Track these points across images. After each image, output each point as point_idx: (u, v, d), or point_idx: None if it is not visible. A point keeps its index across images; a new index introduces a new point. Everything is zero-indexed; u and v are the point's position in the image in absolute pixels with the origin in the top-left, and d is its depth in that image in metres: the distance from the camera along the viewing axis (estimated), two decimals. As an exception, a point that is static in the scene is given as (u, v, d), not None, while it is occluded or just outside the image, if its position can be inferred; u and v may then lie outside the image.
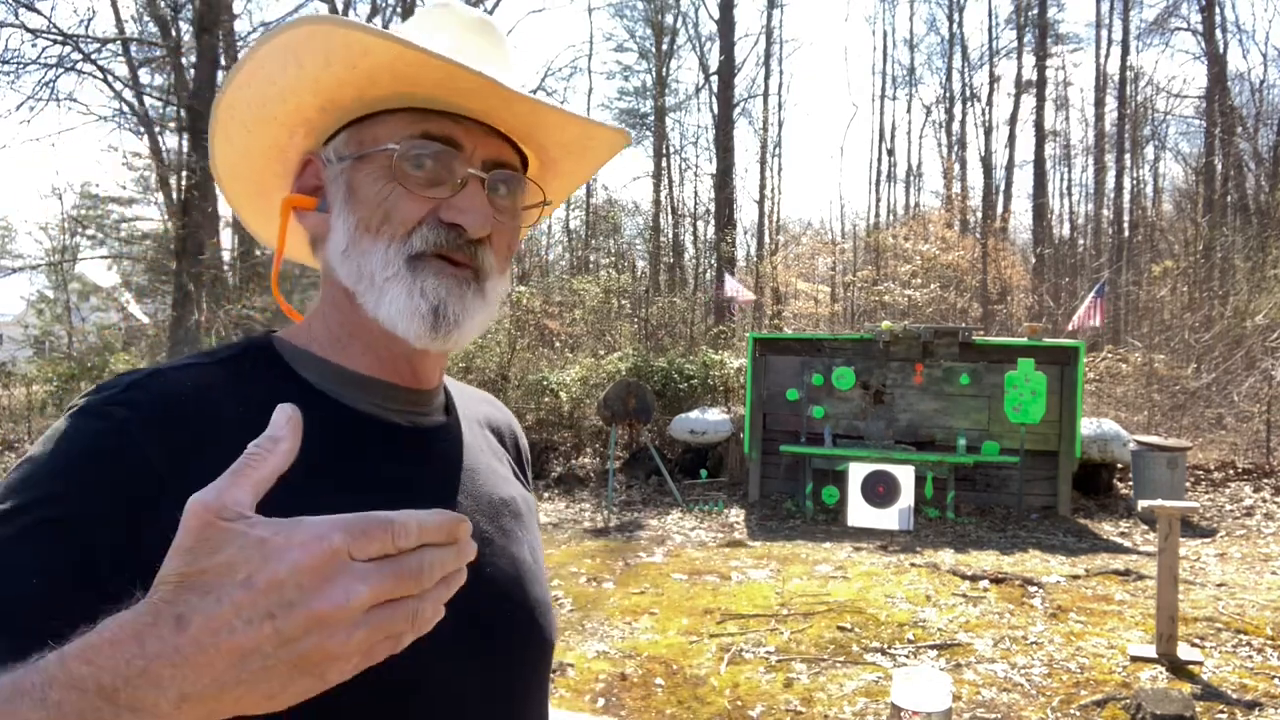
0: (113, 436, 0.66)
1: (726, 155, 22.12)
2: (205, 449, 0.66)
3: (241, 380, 0.76)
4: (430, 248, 0.76)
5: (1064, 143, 26.42)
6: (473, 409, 0.96)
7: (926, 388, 8.70)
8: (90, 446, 0.65)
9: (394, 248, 0.76)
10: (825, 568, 6.18)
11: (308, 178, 0.83)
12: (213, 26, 15.19)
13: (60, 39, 13.94)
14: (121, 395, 0.69)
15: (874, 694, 3.92)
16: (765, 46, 25.76)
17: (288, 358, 0.80)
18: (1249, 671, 4.13)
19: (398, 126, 0.77)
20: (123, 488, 0.64)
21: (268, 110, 0.79)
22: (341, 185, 0.79)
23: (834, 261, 23.09)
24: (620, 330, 15.07)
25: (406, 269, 0.76)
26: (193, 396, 0.71)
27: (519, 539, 0.88)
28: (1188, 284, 17.02)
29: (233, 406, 0.72)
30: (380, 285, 0.76)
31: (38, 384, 14.50)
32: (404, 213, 0.76)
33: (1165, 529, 4.23)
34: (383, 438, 0.79)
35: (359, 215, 0.77)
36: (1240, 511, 8.39)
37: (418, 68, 0.73)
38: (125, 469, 0.65)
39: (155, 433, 0.67)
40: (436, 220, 0.77)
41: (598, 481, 10.09)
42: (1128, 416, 11.83)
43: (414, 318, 0.76)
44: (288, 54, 0.73)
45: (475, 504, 0.84)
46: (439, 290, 0.76)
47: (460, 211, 0.76)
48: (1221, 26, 21.62)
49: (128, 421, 0.66)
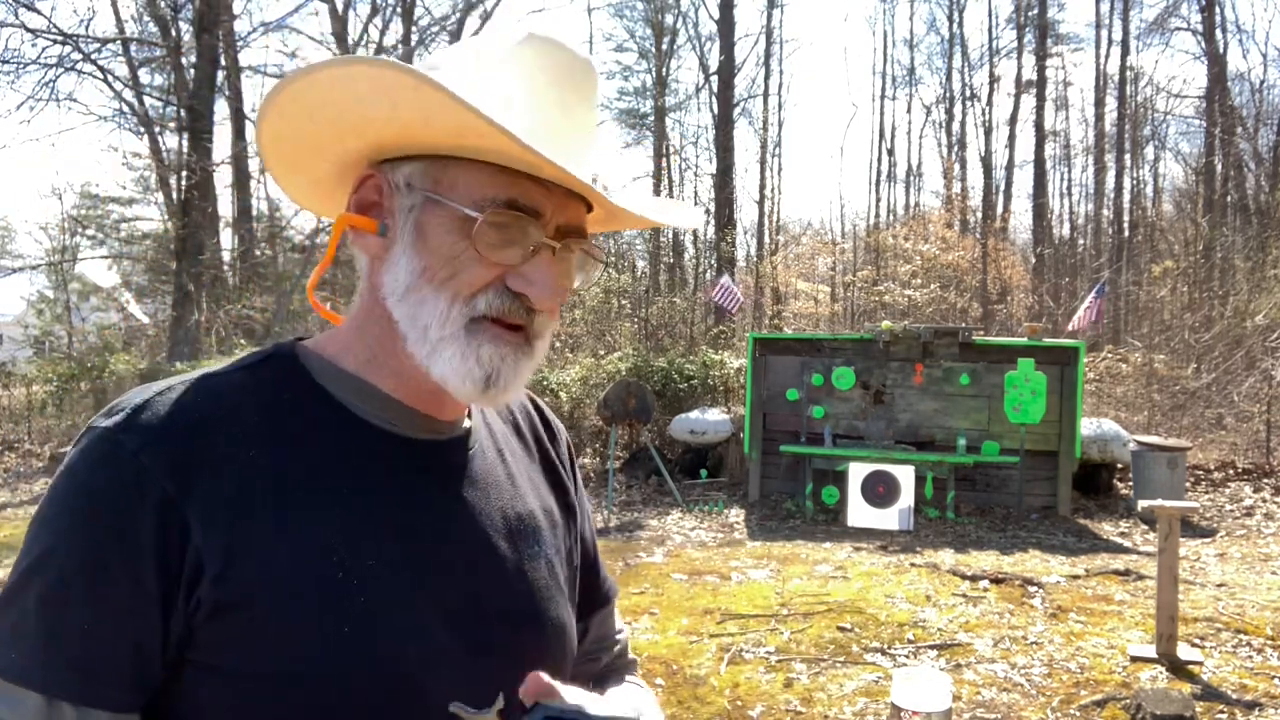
0: (129, 476, 0.66)
1: (726, 155, 22.12)
2: (221, 466, 0.69)
3: (261, 388, 0.75)
4: (493, 313, 0.75)
5: (1064, 143, 26.43)
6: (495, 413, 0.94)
7: (926, 388, 8.70)
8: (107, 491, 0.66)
9: (456, 308, 0.74)
10: (825, 568, 6.18)
11: (367, 193, 0.79)
12: (213, 26, 15.20)
13: (60, 39, 13.95)
14: (130, 420, 0.69)
15: (874, 694, 3.92)
16: (765, 46, 25.77)
17: (312, 368, 0.79)
18: (1249, 671, 4.13)
19: (481, 183, 0.74)
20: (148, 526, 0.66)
21: (345, 123, 0.75)
22: (411, 222, 0.75)
23: (834, 261, 23.09)
24: (620, 330, 15.07)
25: (464, 333, 0.74)
26: (204, 412, 0.71)
27: (537, 555, 0.86)
28: (1188, 284, 17.02)
29: (252, 413, 0.73)
30: (434, 342, 0.74)
31: (38, 384, 14.49)
32: (474, 275, 0.74)
33: (1165, 529, 4.23)
34: (395, 451, 0.78)
35: (425, 262, 0.74)
36: (1240, 511, 8.39)
37: (499, 143, 0.69)
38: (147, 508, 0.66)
39: (167, 462, 0.67)
40: (504, 286, 0.75)
41: (598, 481, 10.09)
42: (1128, 416, 11.83)
43: (466, 381, 0.74)
44: (382, 92, 0.69)
45: (488, 522, 0.82)
46: (494, 359, 0.75)
47: (529, 283, 0.75)
48: (1221, 26, 21.62)
49: (140, 454, 0.67)
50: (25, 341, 21.27)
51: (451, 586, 0.76)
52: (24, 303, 28.79)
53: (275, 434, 0.73)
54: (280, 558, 0.68)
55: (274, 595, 0.67)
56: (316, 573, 0.69)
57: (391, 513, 0.75)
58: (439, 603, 0.75)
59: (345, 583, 0.70)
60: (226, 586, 0.66)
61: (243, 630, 0.67)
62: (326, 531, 0.71)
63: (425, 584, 0.74)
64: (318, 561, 0.69)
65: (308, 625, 0.68)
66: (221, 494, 0.68)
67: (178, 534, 0.66)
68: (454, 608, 0.76)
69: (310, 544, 0.70)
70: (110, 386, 13.41)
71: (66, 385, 13.76)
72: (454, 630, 0.75)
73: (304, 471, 0.72)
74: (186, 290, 14.21)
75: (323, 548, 0.70)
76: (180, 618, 0.67)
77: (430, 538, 0.76)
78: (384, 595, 0.71)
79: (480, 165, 0.74)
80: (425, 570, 0.75)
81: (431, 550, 0.76)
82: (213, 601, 0.66)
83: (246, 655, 0.67)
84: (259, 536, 0.68)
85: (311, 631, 0.68)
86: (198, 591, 0.66)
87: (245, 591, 0.67)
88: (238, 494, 0.68)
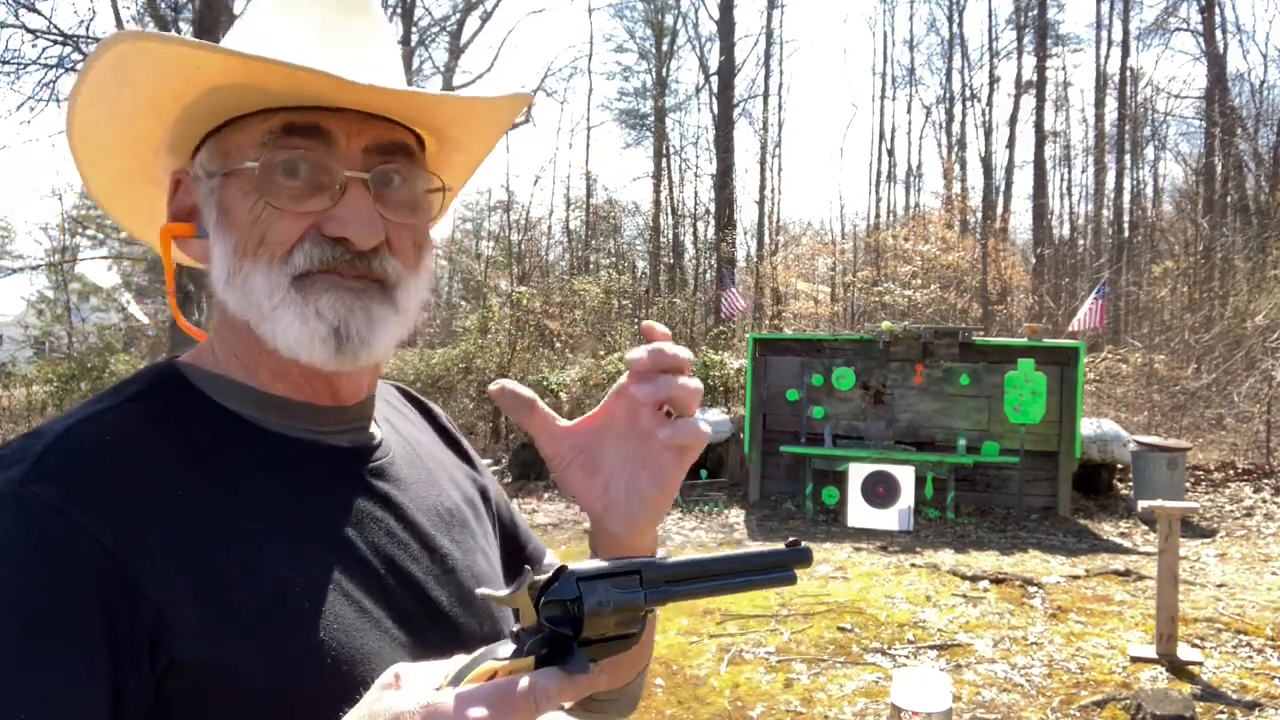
0: (54, 533, 0.57)
1: (726, 155, 22.13)
2: (151, 509, 0.61)
3: (163, 418, 0.68)
4: (316, 265, 0.68)
5: (1064, 143, 26.42)
6: (385, 409, 0.87)
7: (926, 388, 8.70)
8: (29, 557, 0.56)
9: (275, 270, 0.68)
10: (825, 568, 6.18)
11: (181, 197, 0.74)
12: (213, 27, 15.18)
13: (60, 39, 13.94)
14: (37, 470, 0.59)
15: (874, 694, 3.92)
16: (765, 47, 25.76)
17: (203, 386, 0.72)
18: (1249, 672, 4.13)
19: (256, 130, 0.68)
20: (89, 588, 0.57)
21: (120, 130, 0.71)
22: (213, 206, 0.70)
23: (834, 262, 23.08)
24: (620, 330, 15.07)
25: (295, 291, 0.67)
26: (116, 451, 0.63)
27: (473, 548, 0.83)
28: (1188, 284, 17.02)
29: (162, 448, 0.65)
30: (270, 313, 0.68)
31: (38, 384, 14.50)
32: (281, 232, 0.68)
33: (1165, 529, 4.23)
34: (319, 464, 0.72)
35: (235, 238, 0.68)
36: (1240, 512, 8.39)
37: (260, 74, 0.64)
38: (84, 568, 0.57)
39: (97, 513, 0.59)
40: (319, 235, 0.68)
41: (598, 482, 10.09)
42: (1128, 417, 11.83)
43: (314, 342, 0.67)
44: (118, 74, 0.65)
45: (426, 520, 0.78)
46: (336, 309, 0.68)
47: (343, 223, 0.68)
48: (1221, 27, 21.65)
49: (63, 506, 0.58)
50: (25, 342, 21.27)
51: (404, 594, 0.72)
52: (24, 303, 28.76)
53: (194, 466, 0.66)
54: (241, 599, 0.62)
55: (242, 638, 0.61)
56: (279, 607, 0.64)
57: (331, 528, 0.70)
58: (398, 612, 0.71)
59: (310, 613, 0.65)
60: (197, 642, 0.59)
61: (215, 681, 0.60)
62: (277, 561, 0.65)
63: (380, 596, 0.70)
64: (277, 595, 0.64)
65: (284, 669, 0.63)
66: (163, 540, 0.60)
67: (124, 593, 0.57)
68: (410, 613, 0.72)
69: (266, 579, 0.64)
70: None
71: (66, 385, 13.77)
72: (413, 635, 0.71)
73: (236, 501, 0.66)
74: (186, 290, 14.20)
75: (277, 578, 0.65)
76: (142, 679, 0.58)
77: (375, 548, 0.72)
78: (344, 615, 0.67)
79: (258, 116, 0.68)
80: (377, 582, 0.71)
81: (382, 560, 0.72)
82: (183, 657, 0.59)
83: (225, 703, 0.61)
84: (215, 581, 0.61)
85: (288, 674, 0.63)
86: (165, 651, 0.59)
87: (218, 644, 0.60)
88: (179, 538, 0.61)
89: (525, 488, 9.88)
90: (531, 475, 10.21)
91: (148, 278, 22.10)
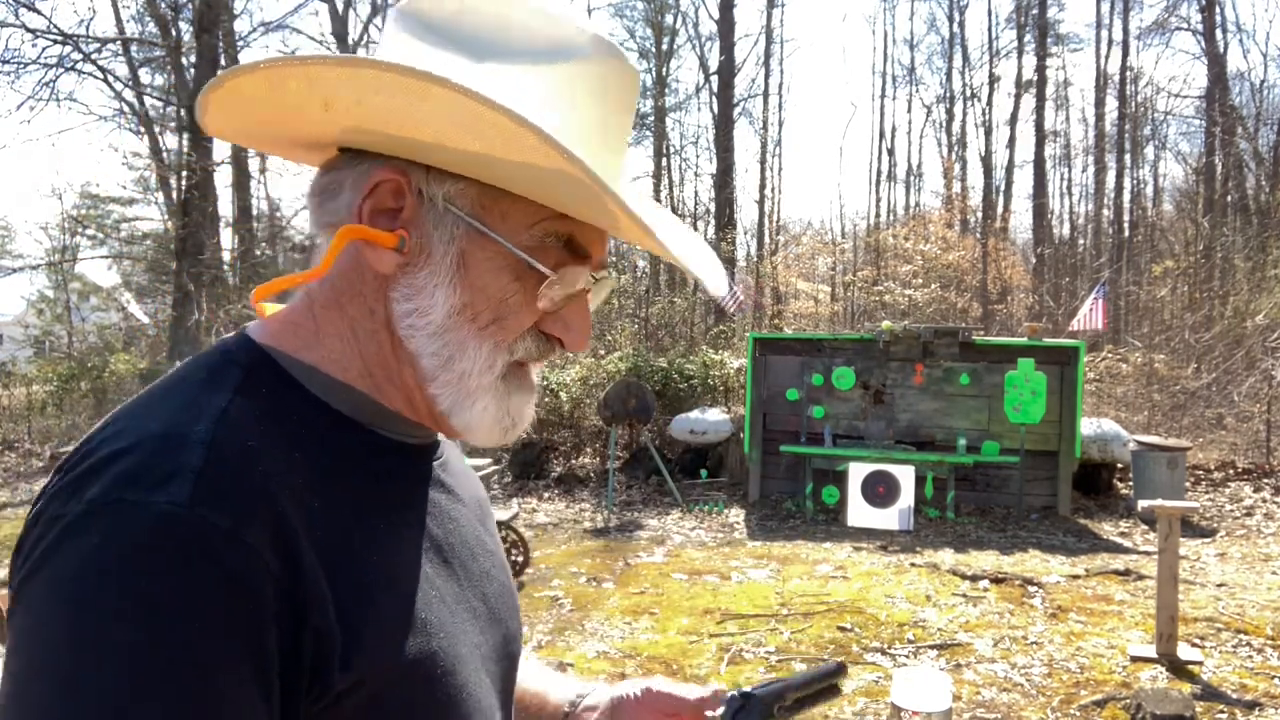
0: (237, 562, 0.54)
1: (726, 155, 22.12)
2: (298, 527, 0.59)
3: (274, 414, 0.64)
4: (528, 358, 0.70)
5: (1064, 143, 26.44)
6: None
7: (926, 388, 8.70)
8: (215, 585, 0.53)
9: (499, 355, 0.68)
10: (825, 568, 6.18)
11: (383, 198, 0.67)
12: (213, 26, 15.19)
13: (60, 39, 13.95)
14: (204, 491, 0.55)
15: (874, 694, 3.92)
16: (765, 46, 25.77)
17: (296, 374, 0.68)
18: (1249, 671, 4.13)
19: (538, 218, 0.66)
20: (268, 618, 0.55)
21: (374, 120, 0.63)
22: (453, 250, 0.66)
23: (834, 261, 23.08)
24: (620, 330, 15.06)
25: (501, 382, 0.69)
26: (262, 462, 0.59)
27: (494, 533, 0.87)
28: (1188, 284, 17.01)
29: (289, 452, 0.62)
30: (471, 390, 0.67)
31: (38, 384, 14.50)
32: (520, 324, 0.68)
33: (1165, 529, 4.23)
34: (406, 462, 0.74)
35: (467, 299, 0.66)
36: (1240, 511, 8.39)
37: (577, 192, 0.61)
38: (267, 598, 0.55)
39: (268, 538, 0.56)
40: (539, 330, 0.69)
41: (597, 481, 10.09)
42: (1128, 416, 11.83)
43: (494, 431, 0.70)
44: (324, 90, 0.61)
45: (473, 511, 0.82)
46: (520, 407, 0.71)
47: (567, 328, 0.70)
48: (1221, 26, 21.66)
49: (239, 532, 0.55)
50: (25, 341, 21.27)
51: (475, 596, 0.75)
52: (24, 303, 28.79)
53: (314, 471, 0.63)
54: (388, 624, 0.62)
55: (394, 667, 0.62)
56: (412, 620, 0.64)
57: (429, 531, 0.72)
58: (469, 609, 0.74)
59: (436, 624, 0.67)
60: (350, 672, 0.59)
61: (370, 709, 0.60)
62: (405, 572, 0.67)
63: (465, 599, 0.73)
64: (410, 609, 0.65)
65: (420, 679, 0.64)
66: (313, 563, 0.58)
67: (292, 620, 0.56)
68: (475, 609, 0.75)
69: (399, 592, 0.65)
70: (110, 386, 13.42)
71: (66, 385, 13.77)
72: (482, 636, 0.75)
73: (360, 510, 0.65)
74: (186, 290, 14.20)
75: (407, 594, 0.65)
76: (302, 709, 0.58)
77: (456, 550, 0.75)
78: (452, 621, 0.69)
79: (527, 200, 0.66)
80: (464, 585, 0.74)
81: (461, 563, 0.75)
82: (340, 686, 0.58)
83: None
84: (362, 607, 0.61)
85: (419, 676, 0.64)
86: (323, 679, 0.58)
87: (370, 671, 0.60)
88: (321, 561, 0.59)
89: (525, 487, 9.88)
90: (531, 475, 10.21)
91: (148, 277, 22.10)
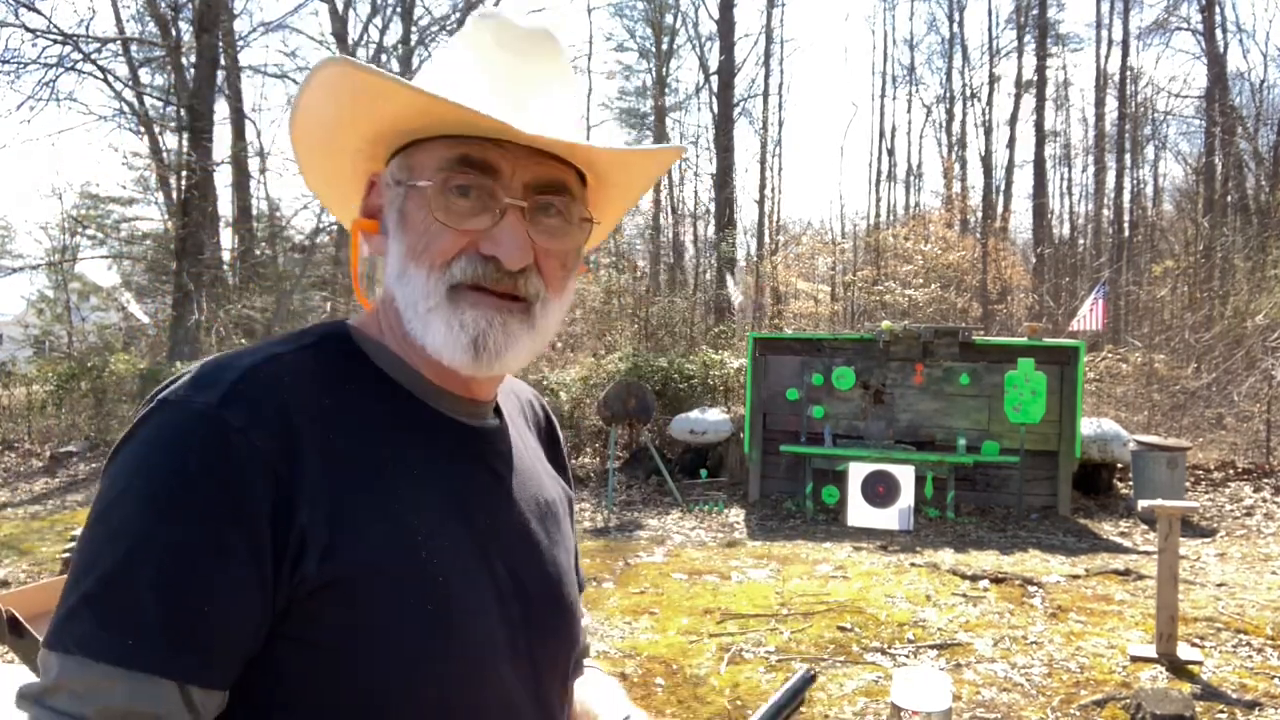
0: (243, 454, 0.68)
1: (726, 155, 22.11)
2: (311, 448, 0.71)
3: (328, 367, 0.78)
4: (468, 279, 0.77)
5: (1064, 143, 26.43)
6: (511, 403, 0.99)
7: (926, 388, 8.69)
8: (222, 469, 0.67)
9: (434, 278, 0.77)
10: (825, 568, 6.18)
11: (372, 198, 0.85)
12: (212, 26, 15.18)
13: (60, 39, 13.94)
14: (230, 396, 0.70)
15: (874, 694, 3.92)
16: (765, 46, 25.75)
17: (366, 349, 0.82)
18: (1249, 671, 4.13)
19: (437, 154, 0.78)
20: (266, 505, 0.68)
21: (327, 137, 0.83)
22: (395, 211, 0.80)
23: (834, 261, 23.06)
24: (620, 330, 15.06)
25: (446, 301, 0.77)
26: (291, 392, 0.73)
27: (558, 542, 0.91)
28: (1188, 284, 17.01)
29: (327, 394, 0.76)
30: (423, 315, 0.78)
31: (38, 384, 14.49)
32: (443, 245, 0.77)
33: (1165, 529, 4.23)
34: (451, 435, 0.83)
35: (407, 242, 0.79)
36: (1240, 511, 8.39)
37: (438, 111, 0.74)
38: (265, 487, 0.68)
39: (276, 443, 0.69)
40: (476, 252, 0.77)
41: (598, 481, 10.09)
42: (1128, 416, 11.83)
43: (455, 349, 0.77)
44: (326, 90, 0.76)
45: (526, 507, 0.87)
46: (478, 322, 0.77)
47: (496, 244, 0.77)
48: (1221, 26, 21.64)
49: (248, 432, 0.68)
50: (25, 341, 21.27)
51: (502, 567, 0.81)
52: (24, 302, 28.77)
53: (347, 415, 0.76)
54: (373, 537, 0.71)
55: (369, 573, 0.70)
56: (404, 552, 0.73)
57: (455, 494, 0.80)
58: (493, 581, 0.80)
59: (427, 562, 0.74)
60: (328, 565, 0.69)
61: (339, 607, 0.70)
62: (407, 511, 0.74)
63: (485, 564, 0.79)
64: (404, 541, 0.73)
65: (397, 603, 0.71)
66: (317, 475, 0.70)
67: (286, 513, 0.68)
68: (504, 587, 0.81)
69: (398, 524, 0.73)
70: (110, 386, 13.41)
71: (66, 385, 13.76)
72: (503, 607, 0.80)
73: (380, 453, 0.75)
74: (186, 290, 14.20)
75: (408, 528, 0.74)
76: (283, 593, 0.69)
77: (485, 520, 0.81)
78: (457, 574, 0.76)
79: (436, 141, 0.78)
80: (484, 551, 0.80)
81: (488, 532, 0.81)
82: (316, 579, 0.69)
83: (340, 630, 0.70)
84: (353, 516, 0.71)
85: (400, 608, 0.72)
86: (301, 569, 0.68)
87: (345, 570, 0.69)
88: (327, 475, 0.71)
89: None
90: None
91: (148, 277, 22.09)
